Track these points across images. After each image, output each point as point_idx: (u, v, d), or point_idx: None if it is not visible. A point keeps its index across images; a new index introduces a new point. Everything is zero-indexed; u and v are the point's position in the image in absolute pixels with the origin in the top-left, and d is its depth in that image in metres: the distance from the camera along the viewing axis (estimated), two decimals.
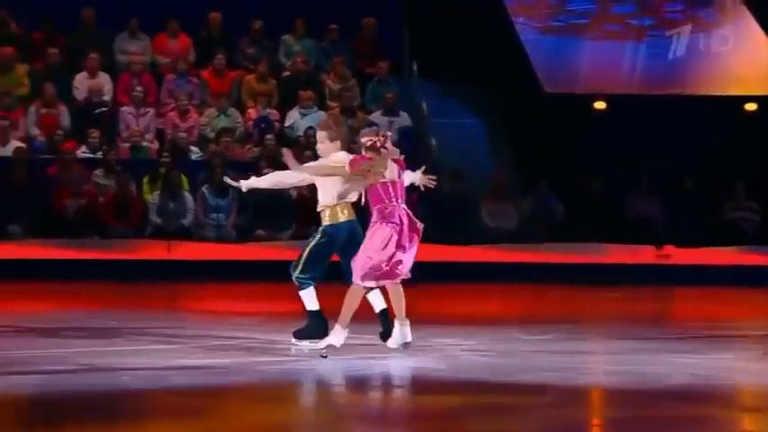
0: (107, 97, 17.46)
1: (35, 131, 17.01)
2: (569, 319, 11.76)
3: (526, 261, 16.06)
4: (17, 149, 16.30)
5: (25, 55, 17.73)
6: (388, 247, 8.28)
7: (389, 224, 8.31)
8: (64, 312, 11.57)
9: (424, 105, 18.29)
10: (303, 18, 18.40)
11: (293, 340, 8.69)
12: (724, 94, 18.86)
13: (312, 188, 8.99)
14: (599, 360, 9.09)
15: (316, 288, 8.65)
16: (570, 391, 7.26)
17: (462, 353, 8.67)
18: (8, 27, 17.91)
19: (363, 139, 8.53)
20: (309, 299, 8.62)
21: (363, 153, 8.46)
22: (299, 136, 17.31)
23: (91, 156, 16.64)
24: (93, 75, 17.46)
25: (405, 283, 8.45)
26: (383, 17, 18.70)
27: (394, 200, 8.38)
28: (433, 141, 17.88)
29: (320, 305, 8.65)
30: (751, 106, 18.95)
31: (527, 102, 18.34)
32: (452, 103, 18.81)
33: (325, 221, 8.61)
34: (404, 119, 17.82)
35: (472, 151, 18.08)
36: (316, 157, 9.29)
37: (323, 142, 8.67)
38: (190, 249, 15.54)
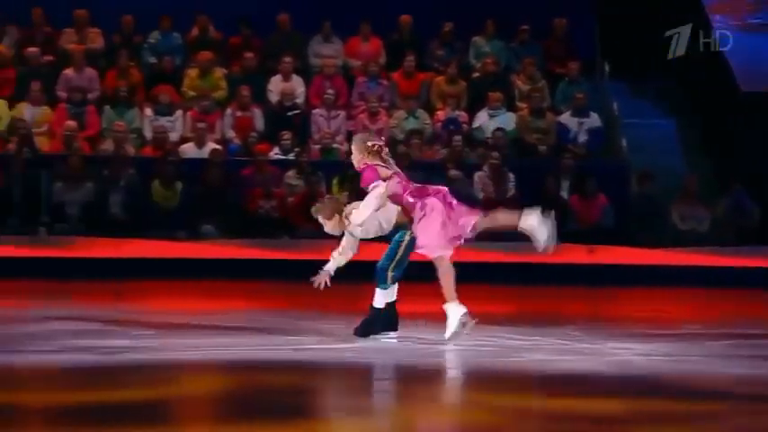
0: (299, 100, 17.78)
1: (230, 134, 17.46)
2: (759, 324, 11.39)
3: (717, 265, 15.66)
4: (213, 151, 16.72)
5: (223, 59, 18.23)
6: (445, 212, 8.63)
7: (429, 197, 8.68)
8: (252, 311, 11.83)
9: (615, 105, 18.01)
10: (494, 19, 18.38)
11: (355, 337, 9.05)
12: None
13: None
14: None
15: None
16: (745, 398, 7.03)
17: (635, 357, 8.49)
18: (207, 32, 18.47)
19: (369, 144, 8.82)
20: (387, 297, 9.00)
21: (365, 156, 8.79)
22: (487, 137, 17.29)
23: (283, 158, 16.98)
24: (286, 78, 17.81)
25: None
26: (574, 17, 18.51)
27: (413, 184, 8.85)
28: (624, 142, 17.59)
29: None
30: None
31: (722, 101, 17.90)
32: (644, 103, 18.51)
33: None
34: (594, 119, 17.60)
35: (664, 152, 17.74)
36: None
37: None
38: (373, 250, 15.61)
